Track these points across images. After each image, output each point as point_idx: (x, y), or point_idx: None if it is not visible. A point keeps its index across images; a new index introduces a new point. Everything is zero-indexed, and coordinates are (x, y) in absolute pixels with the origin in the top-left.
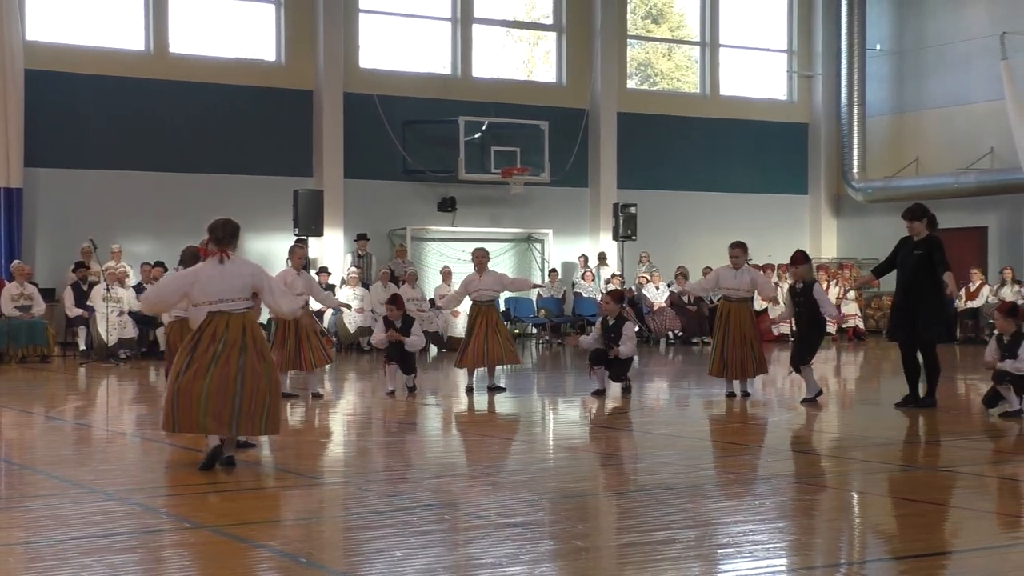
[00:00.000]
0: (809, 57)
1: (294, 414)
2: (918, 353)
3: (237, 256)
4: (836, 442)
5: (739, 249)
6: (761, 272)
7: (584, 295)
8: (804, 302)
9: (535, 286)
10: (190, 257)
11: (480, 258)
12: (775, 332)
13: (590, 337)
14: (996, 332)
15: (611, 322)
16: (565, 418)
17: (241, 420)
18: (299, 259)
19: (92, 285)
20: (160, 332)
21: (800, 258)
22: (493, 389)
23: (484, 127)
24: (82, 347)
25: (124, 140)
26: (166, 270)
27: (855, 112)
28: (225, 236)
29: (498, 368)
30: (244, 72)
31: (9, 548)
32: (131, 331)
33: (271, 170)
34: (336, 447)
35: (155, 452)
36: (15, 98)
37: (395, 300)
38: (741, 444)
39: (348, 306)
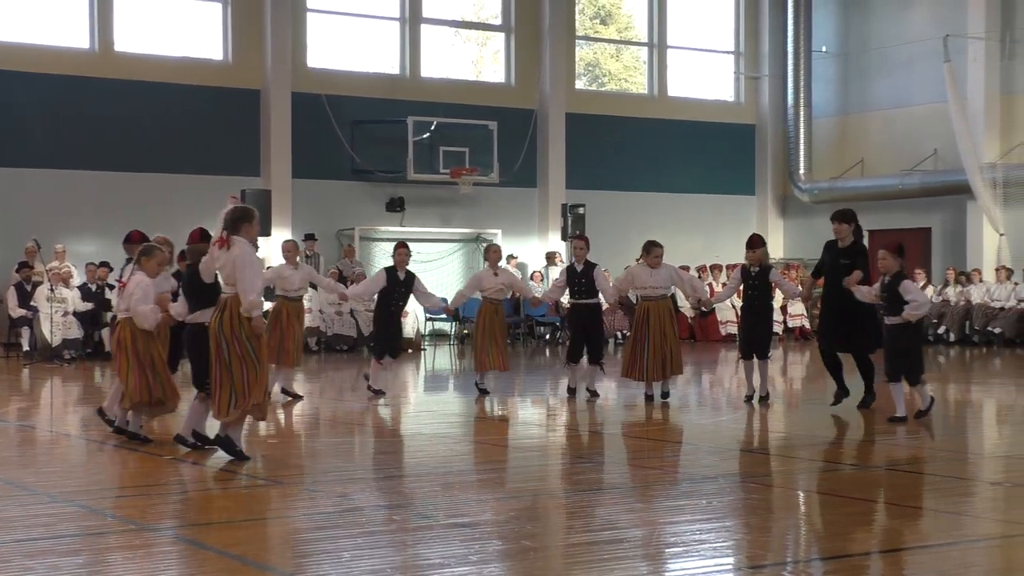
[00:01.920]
0: (756, 59)
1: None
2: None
3: (238, 242)
4: (782, 441)
5: (660, 249)
6: (677, 268)
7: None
8: (758, 286)
9: (535, 299)
10: (193, 253)
11: (496, 254)
12: (723, 333)
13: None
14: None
15: (579, 268)
16: (520, 418)
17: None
18: (290, 253)
19: (36, 285)
20: (105, 333)
21: (757, 241)
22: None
23: (433, 127)
24: (26, 348)
25: (69, 139)
26: (111, 270)
27: (801, 113)
28: (228, 224)
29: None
30: (191, 71)
31: None
32: (76, 332)
33: (218, 169)
34: (286, 448)
35: (100, 454)
36: None
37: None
38: (688, 443)
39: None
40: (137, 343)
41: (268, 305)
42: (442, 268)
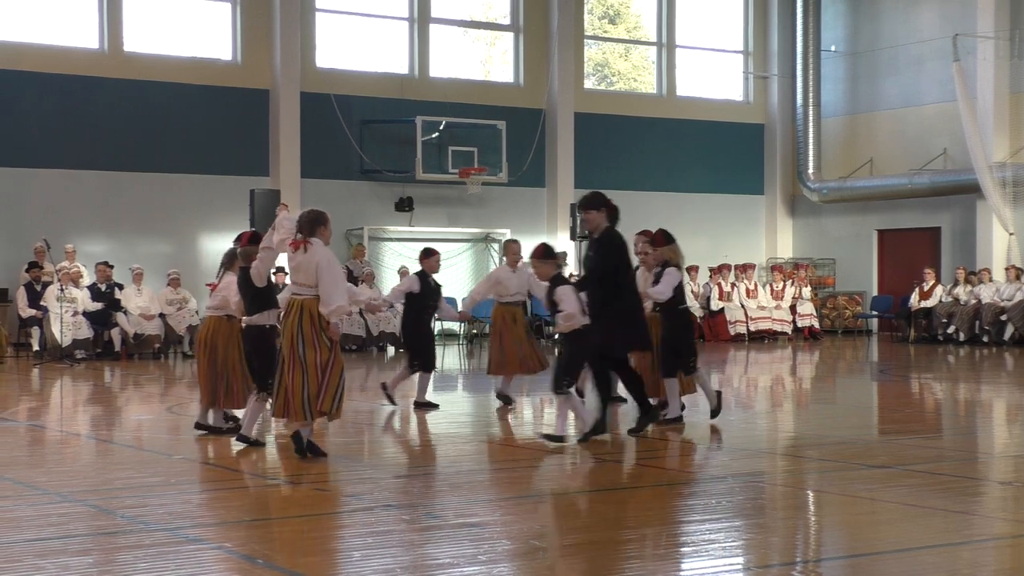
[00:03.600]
0: (765, 58)
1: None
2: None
3: (316, 245)
4: (792, 441)
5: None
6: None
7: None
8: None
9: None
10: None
11: (515, 251)
12: (732, 332)
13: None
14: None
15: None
16: (527, 420)
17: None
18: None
19: (46, 285)
20: (115, 333)
21: (661, 239)
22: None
23: (441, 127)
24: (36, 348)
25: (79, 139)
26: (112, 268)
27: (810, 113)
28: (305, 226)
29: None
30: (200, 71)
31: None
32: (85, 331)
33: (227, 169)
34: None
35: (110, 453)
36: None
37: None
38: (698, 443)
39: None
40: (217, 342)
41: None
42: (451, 268)
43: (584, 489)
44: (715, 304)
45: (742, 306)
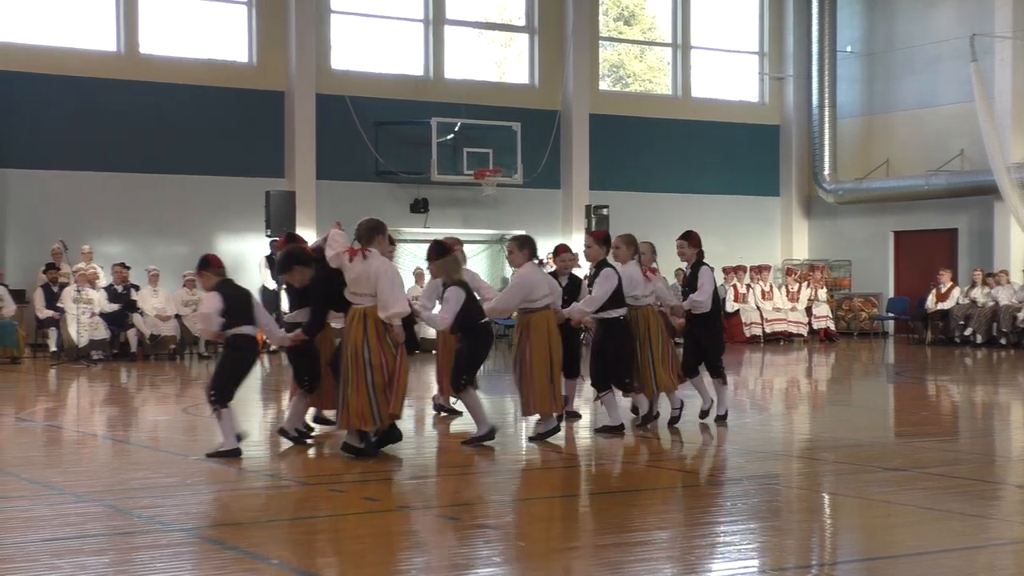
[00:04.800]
0: (780, 59)
1: (267, 417)
2: None
3: (374, 254)
4: (807, 443)
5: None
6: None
7: None
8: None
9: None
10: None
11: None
12: (747, 334)
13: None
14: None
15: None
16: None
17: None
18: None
19: (63, 286)
20: (131, 334)
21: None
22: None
23: (456, 128)
24: (53, 348)
25: (95, 141)
26: (128, 269)
27: (826, 114)
28: (364, 234)
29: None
30: (215, 73)
31: None
32: (102, 332)
33: (243, 171)
34: (311, 449)
35: (126, 454)
36: None
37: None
38: (713, 445)
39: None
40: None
41: None
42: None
43: (600, 491)
44: (730, 306)
45: (757, 308)
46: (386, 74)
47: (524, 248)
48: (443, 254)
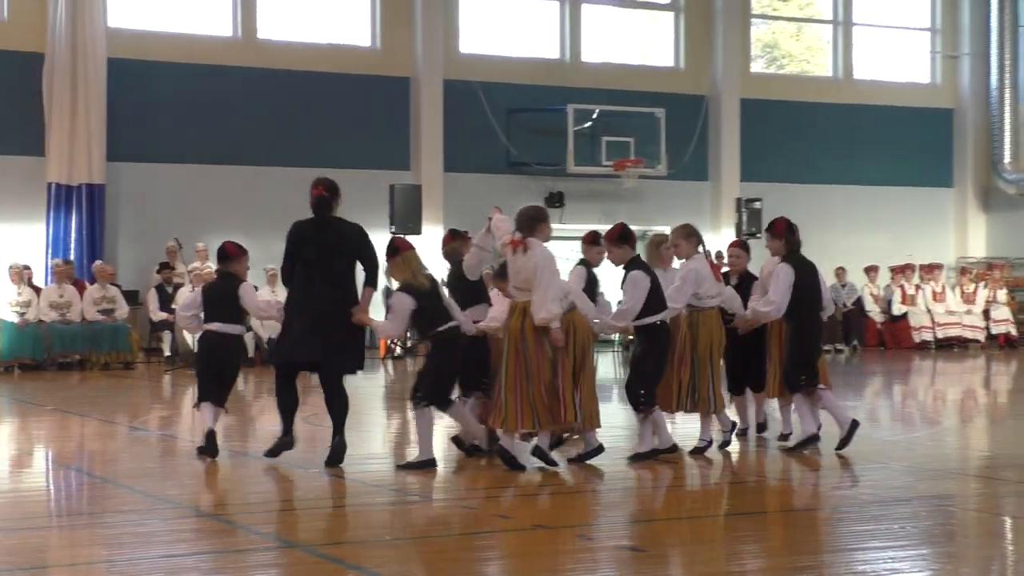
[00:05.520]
0: (954, 36)
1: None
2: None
3: (535, 246)
4: (985, 461)
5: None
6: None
7: None
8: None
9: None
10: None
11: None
12: (916, 340)
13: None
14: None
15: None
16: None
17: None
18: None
19: (177, 287)
20: (248, 338)
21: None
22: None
23: (595, 116)
24: (167, 353)
25: (211, 132)
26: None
27: (1006, 96)
28: (525, 223)
29: None
30: (337, 58)
31: (91, 567)
32: None
33: (366, 163)
34: (440, 463)
35: (243, 466)
36: (97, 89)
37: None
38: (879, 463)
39: None
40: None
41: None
42: (604, 269)
43: (750, 511)
44: (897, 308)
45: (928, 311)
46: (519, 58)
47: (692, 237)
48: (391, 255)
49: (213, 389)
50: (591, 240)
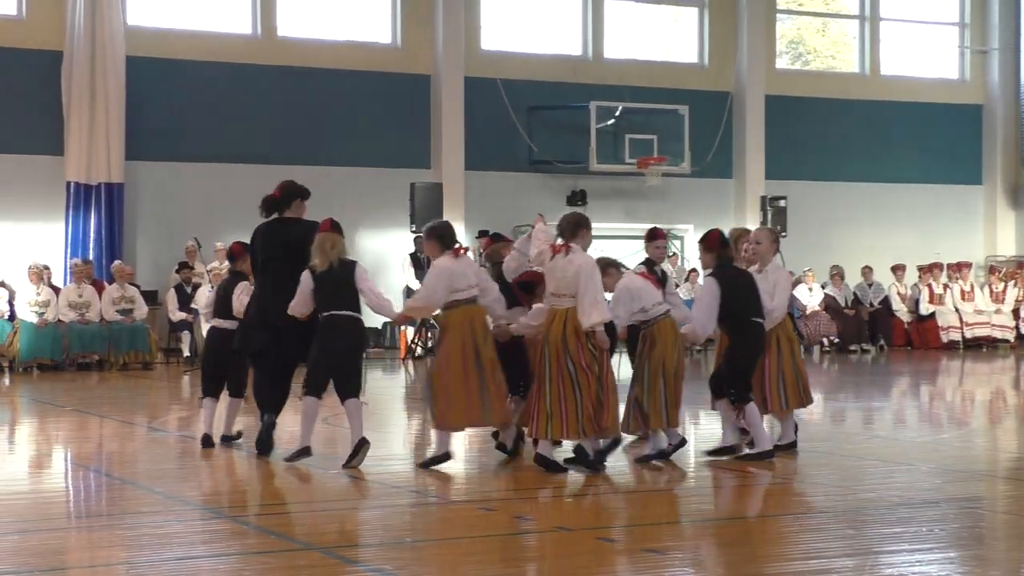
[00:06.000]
0: (984, 30)
1: (415, 427)
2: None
3: (578, 251)
4: (1015, 463)
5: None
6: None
7: None
8: None
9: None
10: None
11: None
12: (944, 340)
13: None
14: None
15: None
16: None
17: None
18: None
19: (196, 287)
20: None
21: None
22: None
23: (617, 113)
24: (186, 353)
25: (230, 131)
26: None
27: None
28: (567, 229)
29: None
30: (357, 56)
31: (110, 568)
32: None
33: (386, 162)
34: (457, 464)
35: (263, 467)
36: (116, 87)
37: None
38: (906, 464)
39: None
40: None
41: None
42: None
43: (778, 513)
44: (925, 308)
45: (956, 310)
46: (541, 54)
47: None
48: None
49: (213, 386)
50: (650, 237)
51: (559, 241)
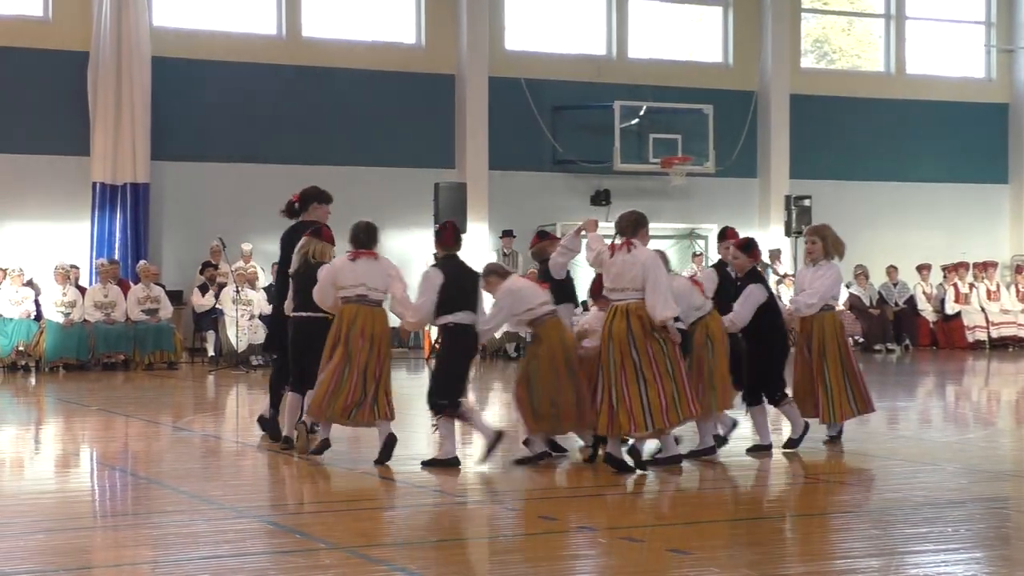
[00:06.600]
0: (1010, 29)
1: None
2: None
3: (640, 248)
4: None
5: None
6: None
7: None
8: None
9: None
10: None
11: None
12: (970, 339)
13: None
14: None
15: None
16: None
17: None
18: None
19: (221, 287)
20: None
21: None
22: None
23: (642, 112)
24: (211, 353)
25: (255, 131)
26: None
27: None
28: (627, 227)
29: None
30: (382, 56)
31: (136, 567)
32: (262, 336)
33: (410, 162)
34: (480, 464)
35: (288, 466)
36: (142, 88)
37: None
38: (931, 464)
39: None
40: None
41: None
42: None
43: (803, 513)
44: (950, 307)
45: (982, 309)
46: (565, 54)
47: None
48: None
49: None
50: (721, 237)
51: (618, 240)
